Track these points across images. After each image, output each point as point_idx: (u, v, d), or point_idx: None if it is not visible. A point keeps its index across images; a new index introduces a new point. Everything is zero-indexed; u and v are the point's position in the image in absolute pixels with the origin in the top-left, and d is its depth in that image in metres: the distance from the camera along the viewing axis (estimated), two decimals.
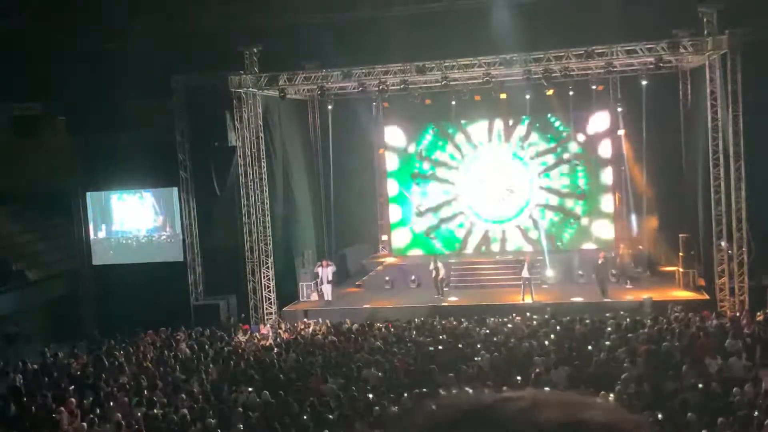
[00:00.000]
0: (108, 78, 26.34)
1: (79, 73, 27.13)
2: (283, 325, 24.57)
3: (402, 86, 25.18)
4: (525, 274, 24.84)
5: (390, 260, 30.41)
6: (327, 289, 26.64)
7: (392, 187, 31.60)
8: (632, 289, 25.51)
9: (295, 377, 17.52)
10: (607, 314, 21.31)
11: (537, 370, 16.64)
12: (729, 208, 22.74)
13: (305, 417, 14.40)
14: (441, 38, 26.10)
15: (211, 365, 18.94)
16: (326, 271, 26.68)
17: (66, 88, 27.71)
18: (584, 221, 29.98)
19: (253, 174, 25.50)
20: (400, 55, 24.79)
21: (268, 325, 24.57)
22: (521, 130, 30.25)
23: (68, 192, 29.13)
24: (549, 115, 29.71)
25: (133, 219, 29.16)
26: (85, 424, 14.66)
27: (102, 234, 29.43)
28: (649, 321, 20.45)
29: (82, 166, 28.98)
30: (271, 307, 25.70)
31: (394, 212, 31.66)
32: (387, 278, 28.52)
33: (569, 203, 30.12)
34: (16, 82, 27.61)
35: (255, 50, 24.93)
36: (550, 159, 30.20)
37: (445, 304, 25.15)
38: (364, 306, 25.91)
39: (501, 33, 24.53)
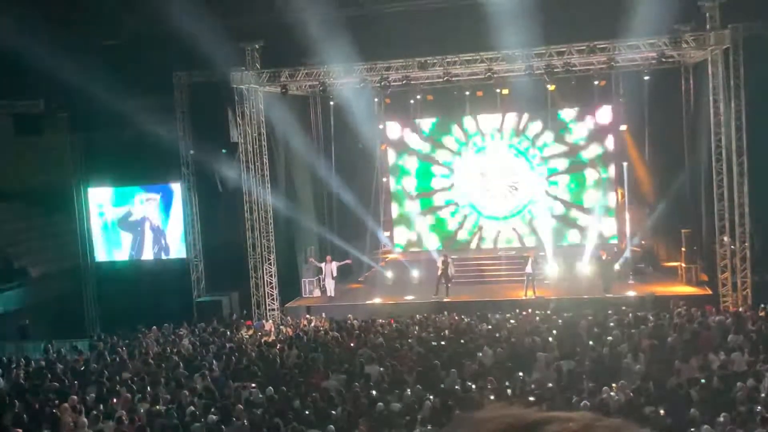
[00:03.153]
0: (110, 75, 26.32)
1: (81, 70, 27.13)
2: (285, 321, 24.58)
3: (404, 82, 25.16)
4: (529, 269, 24.83)
5: (392, 256, 30.40)
6: (330, 285, 26.67)
7: (393, 183, 31.62)
8: (635, 284, 25.49)
9: (297, 373, 17.53)
10: (609, 311, 21.29)
11: (540, 365, 16.64)
12: (731, 203, 22.72)
13: (308, 413, 14.41)
14: (443, 34, 26.07)
15: (213, 361, 18.95)
16: (330, 267, 26.70)
17: (68, 85, 27.71)
18: (586, 217, 29.92)
19: (255, 170, 25.49)
20: (402, 50, 24.77)
21: (271, 321, 24.58)
22: (530, 126, 30.18)
23: (70, 189, 29.17)
24: (553, 111, 29.62)
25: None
26: (87, 420, 14.67)
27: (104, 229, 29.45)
28: (651, 316, 20.45)
29: (84, 163, 29.02)
30: (273, 303, 25.71)
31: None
32: (389, 274, 28.52)
33: (573, 213, 30.06)
34: (17, 80, 27.63)
35: (257, 46, 24.94)
36: (560, 163, 30.11)
37: (448, 299, 25.14)
38: (367, 302, 25.92)
39: (503, 28, 24.49)
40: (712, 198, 23.48)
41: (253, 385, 16.68)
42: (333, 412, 14.46)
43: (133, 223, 29.05)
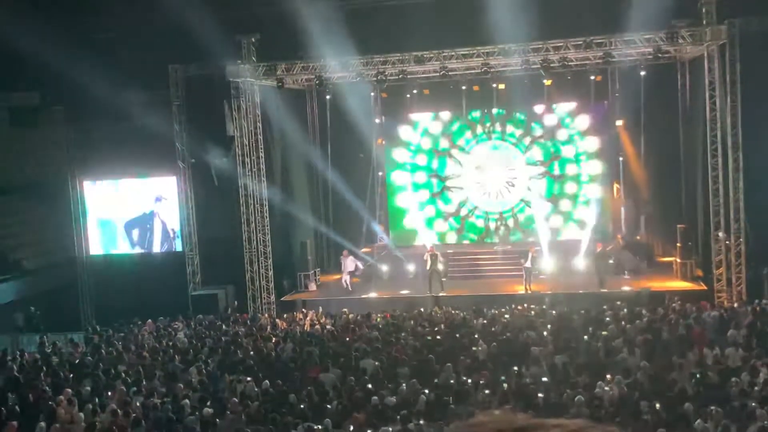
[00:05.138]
0: (106, 68, 26.27)
1: (77, 63, 27.06)
2: (281, 315, 24.59)
3: (400, 76, 25.13)
4: (528, 264, 24.84)
5: (388, 251, 30.36)
6: (347, 279, 26.62)
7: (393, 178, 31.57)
8: (630, 279, 25.53)
9: (293, 367, 17.55)
10: (605, 306, 21.33)
11: (535, 359, 16.67)
12: (727, 198, 22.75)
13: (303, 406, 14.42)
14: (439, 28, 26.05)
15: (209, 354, 18.95)
16: (347, 262, 26.65)
17: (64, 78, 27.64)
18: (582, 212, 29.92)
19: (251, 164, 25.49)
20: (399, 45, 24.74)
21: (266, 315, 24.59)
22: (526, 121, 30.15)
23: (66, 182, 29.12)
24: (554, 108, 29.59)
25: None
26: (82, 413, 14.68)
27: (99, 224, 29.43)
28: (646, 311, 20.49)
29: (80, 156, 28.96)
30: (269, 297, 25.74)
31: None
32: (385, 268, 28.52)
33: (569, 208, 30.07)
34: (13, 73, 27.56)
35: (253, 40, 24.89)
36: (556, 158, 30.07)
37: (443, 294, 25.16)
38: (362, 296, 25.92)
39: (500, 23, 24.48)
40: (707, 193, 23.51)
41: (249, 378, 16.69)
42: (328, 406, 14.49)
43: (140, 220, 29.02)
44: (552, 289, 24.72)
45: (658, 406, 13.44)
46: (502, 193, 30.34)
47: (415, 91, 27.76)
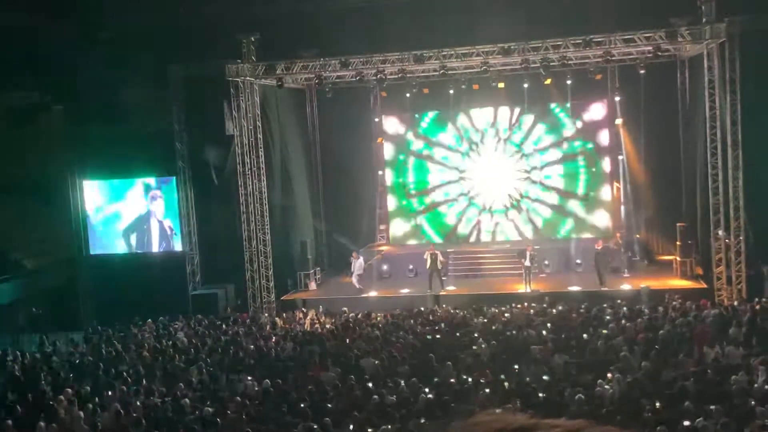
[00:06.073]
0: (105, 67, 26.28)
1: (77, 62, 27.07)
2: (281, 314, 24.60)
3: (400, 75, 25.11)
4: (527, 263, 24.84)
5: (388, 249, 30.39)
6: (355, 280, 26.61)
7: (390, 177, 31.55)
8: (630, 278, 25.52)
9: (293, 366, 17.55)
10: (605, 304, 21.32)
11: (535, 358, 16.67)
12: (727, 196, 22.75)
13: (303, 405, 14.42)
14: (439, 27, 26.04)
15: (209, 354, 18.95)
16: (356, 263, 26.64)
17: (63, 77, 27.64)
18: (582, 212, 29.91)
19: (250, 163, 25.48)
20: (399, 43, 24.71)
21: (266, 314, 24.60)
22: (525, 119, 30.07)
23: (66, 181, 29.11)
24: (549, 105, 29.55)
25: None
26: (83, 413, 14.68)
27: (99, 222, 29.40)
28: (646, 309, 20.49)
29: (80, 155, 28.94)
30: (269, 296, 25.74)
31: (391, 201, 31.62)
32: (385, 267, 28.53)
33: (569, 203, 29.95)
34: (13, 72, 27.54)
35: (252, 39, 24.87)
36: (552, 155, 30.02)
37: (443, 293, 25.16)
38: (362, 295, 25.91)
39: (499, 21, 24.47)
40: (707, 192, 23.50)
41: (249, 377, 16.70)
42: (328, 405, 14.48)
43: (137, 223, 28.95)
44: (552, 287, 24.70)
45: (658, 404, 13.44)
46: (495, 201, 30.19)
47: (414, 90, 27.68)
